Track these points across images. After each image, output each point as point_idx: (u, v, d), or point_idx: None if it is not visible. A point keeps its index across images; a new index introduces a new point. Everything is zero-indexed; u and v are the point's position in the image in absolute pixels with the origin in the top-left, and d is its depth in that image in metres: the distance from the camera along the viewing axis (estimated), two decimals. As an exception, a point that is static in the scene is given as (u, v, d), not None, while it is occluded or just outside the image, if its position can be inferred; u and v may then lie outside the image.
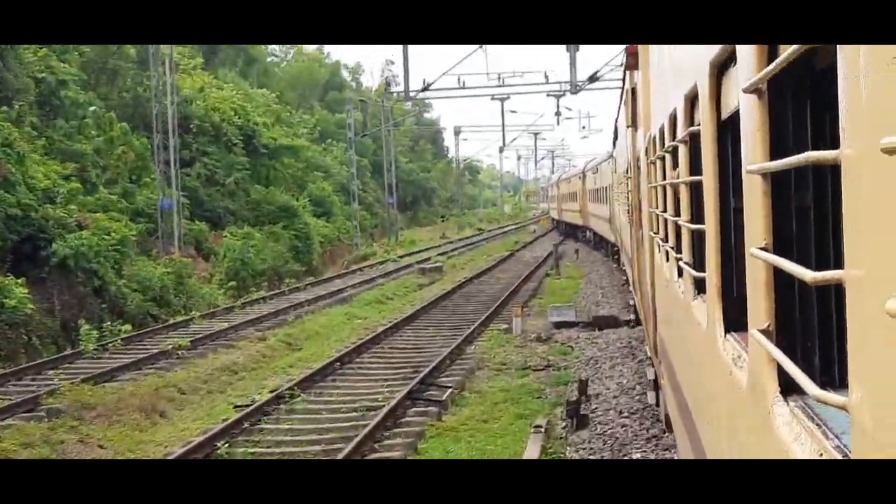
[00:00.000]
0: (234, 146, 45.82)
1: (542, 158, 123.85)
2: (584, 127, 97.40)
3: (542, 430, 13.36)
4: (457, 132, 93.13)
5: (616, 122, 22.46)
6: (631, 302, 22.12)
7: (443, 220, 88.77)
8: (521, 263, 45.45)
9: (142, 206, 36.10)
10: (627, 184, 16.38)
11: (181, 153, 43.57)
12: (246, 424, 14.63)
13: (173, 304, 30.51)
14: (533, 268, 41.52)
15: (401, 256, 52.10)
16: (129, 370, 19.75)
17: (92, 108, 38.37)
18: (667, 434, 11.71)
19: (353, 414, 15.25)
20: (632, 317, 22.13)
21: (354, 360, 20.34)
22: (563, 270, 41.08)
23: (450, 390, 16.37)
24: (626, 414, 14.48)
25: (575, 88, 43.58)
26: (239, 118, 46.63)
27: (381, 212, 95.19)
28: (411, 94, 46.15)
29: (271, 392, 16.64)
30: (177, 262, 32.18)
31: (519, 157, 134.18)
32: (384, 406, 15.05)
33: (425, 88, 44.53)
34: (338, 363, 19.66)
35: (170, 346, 21.69)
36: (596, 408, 15.05)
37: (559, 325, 23.59)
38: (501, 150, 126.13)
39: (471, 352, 21.11)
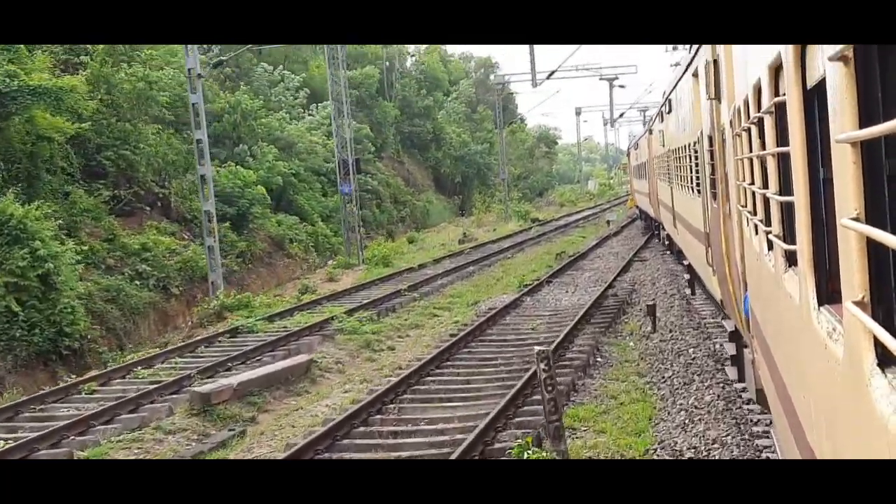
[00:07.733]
0: None
1: (621, 115, 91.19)
2: (673, 48, 50.82)
3: None
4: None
5: (665, 94, 21.71)
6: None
7: (462, 215, 61.12)
8: (514, 352, 18.17)
9: None
10: (703, 157, 14.18)
11: None
12: None
13: None
14: (520, 383, 14.31)
15: (269, 318, 23.49)
16: None
17: None
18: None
19: None
20: None
21: None
22: (606, 381, 14.07)
23: None
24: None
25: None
26: None
27: (411, 199, 69.77)
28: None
29: None
30: None
31: (606, 123, 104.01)
32: None
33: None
34: None
35: None
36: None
37: None
38: (578, 114, 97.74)
39: None
